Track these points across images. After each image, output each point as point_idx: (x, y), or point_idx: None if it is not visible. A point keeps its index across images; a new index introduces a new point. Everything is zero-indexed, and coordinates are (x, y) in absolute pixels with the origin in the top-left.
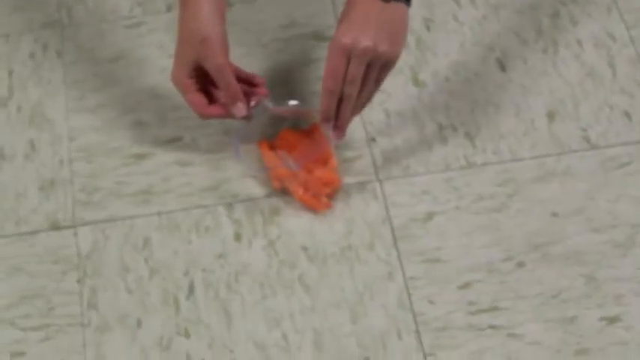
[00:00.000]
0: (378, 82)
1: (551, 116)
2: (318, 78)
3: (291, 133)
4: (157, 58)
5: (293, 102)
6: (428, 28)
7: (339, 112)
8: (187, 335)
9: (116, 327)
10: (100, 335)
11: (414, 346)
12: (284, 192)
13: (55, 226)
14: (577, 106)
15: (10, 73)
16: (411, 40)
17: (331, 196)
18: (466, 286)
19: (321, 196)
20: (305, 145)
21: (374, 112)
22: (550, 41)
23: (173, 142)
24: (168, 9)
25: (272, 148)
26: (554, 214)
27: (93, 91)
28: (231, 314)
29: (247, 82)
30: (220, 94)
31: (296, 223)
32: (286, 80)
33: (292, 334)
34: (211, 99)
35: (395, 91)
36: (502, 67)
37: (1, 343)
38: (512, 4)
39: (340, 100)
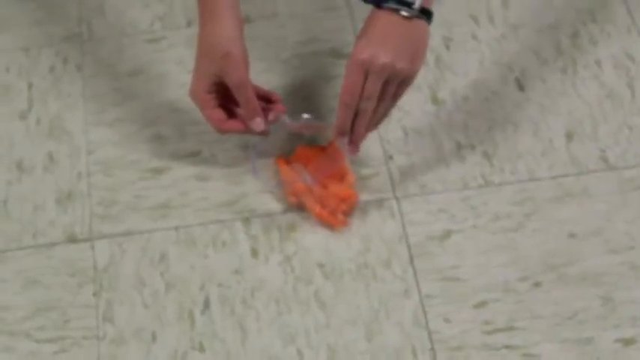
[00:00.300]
0: (395, 98)
1: (569, 136)
2: (336, 94)
3: (308, 149)
4: (177, 73)
5: (307, 115)
6: (447, 47)
7: (354, 127)
8: (202, 350)
9: (131, 340)
10: (116, 348)
11: None
12: (300, 208)
13: (72, 239)
14: (596, 127)
15: (30, 86)
16: (430, 58)
17: (348, 213)
18: (482, 305)
19: (337, 213)
20: (322, 160)
21: (392, 130)
22: (569, 61)
23: (191, 156)
24: (189, 24)
25: (289, 163)
26: (572, 235)
27: (112, 104)
28: (246, 329)
29: (265, 99)
30: (239, 110)
31: (312, 239)
32: (304, 96)
33: (307, 350)
34: (229, 114)
35: (413, 108)
36: (521, 87)
37: (17, 355)
38: (532, 23)
39: (356, 115)
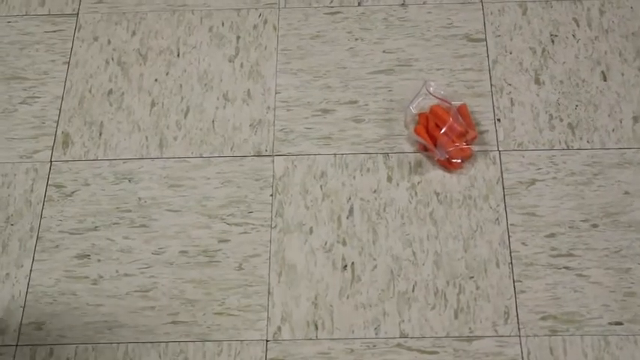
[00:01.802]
0: None
1: (636, 119)
2: (466, 69)
3: (440, 109)
4: (345, 40)
5: (443, 92)
6: (552, 41)
7: None
8: (344, 244)
9: (295, 231)
10: (283, 235)
11: (507, 273)
12: (427, 151)
13: (259, 154)
14: None
15: (238, 38)
16: (538, 48)
17: (463, 160)
18: (551, 235)
19: (454, 161)
20: (452, 120)
21: (502, 100)
22: None
23: (351, 103)
24: (359, 3)
25: (426, 117)
26: (626, 192)
27: (296, 58)
28: (377, 233)
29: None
30: None
31: (433, 174)
32: (440, 69)
33: (420, 253)
34: None
35: (520, 86)
36: (604, 78)
37: (213, 232)
38: (619, 29)
39: None
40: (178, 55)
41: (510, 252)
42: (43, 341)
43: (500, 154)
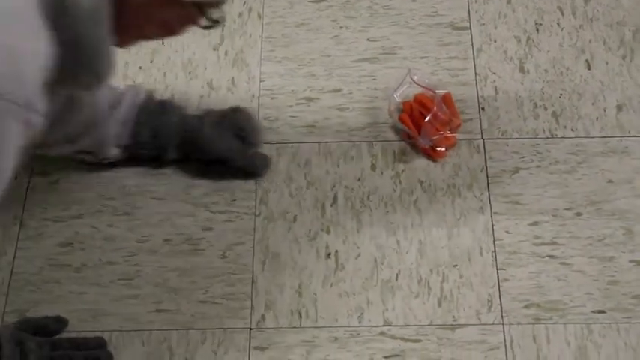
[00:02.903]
0: None
1: (619, 108)
2: (451, 58)
3: (425, 97)
4: (330, 28)
5: (427, 80)
6: (537, 30)
7: None
8: (328, 232)
9: (278, 219)
10: (267, 224)
11: (490, 262)
12: (411, 140)
13: None
14: None
15: (223, 26)
16: (522, 37)
17: (447, 149)
18: (535, 224)
19: (438, 149)
20: (437, 108)
21: (486, 89)
22: (629, 51)
23: (335, 91)
24: None
25: (410, 105)
26: (610, 181)
27: (281, 46)
28: (361, 221)
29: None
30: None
31: (417, 162)
32: (425, 57)
33: (403, 241)
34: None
35: (504, 74)
36: (588, 66)
37: (197, 220)
38: (604, 18)
39: None
40: (163, 43)
41: (494, 240)
42: None
43: (484, 142)
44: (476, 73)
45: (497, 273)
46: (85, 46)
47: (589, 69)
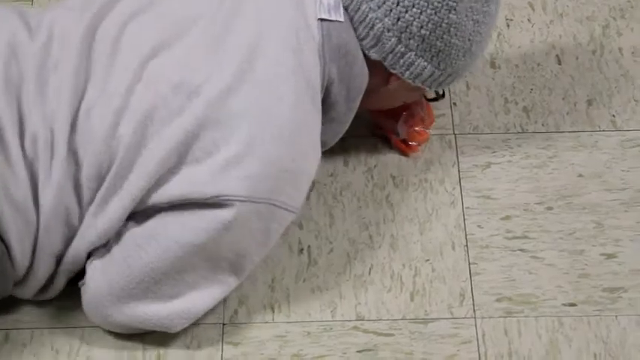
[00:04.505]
0: None
1: (589, 102)
2: None
3: None
4: None
5: None
6: (507, 25)
7: None
8: (301, 227)
9: None
10: None
11: (462, 256)
12: (383, 133)
13: None
14: (610, 97)
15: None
16: (494, 32)
17: (420, 144)
18: (507, 218)
19: (411, 144)
20: (413, 106)
21: (458, 84)
22: (598, 46)
23: None
24: None
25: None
26: (580, 175)
27: None
28: (334, 216)
29: None
30: None
31: (390, 158)
32: None
33: (376, 236)
34: None
35: (476, 70)
36: (559, 61)
37: None
38: (574, 13)
39: None
40: None
41: (466, 235)
42: None
43: (455, 137)
44: None
45: (469, 267)
46: (336, 139)
47: (559, 64)
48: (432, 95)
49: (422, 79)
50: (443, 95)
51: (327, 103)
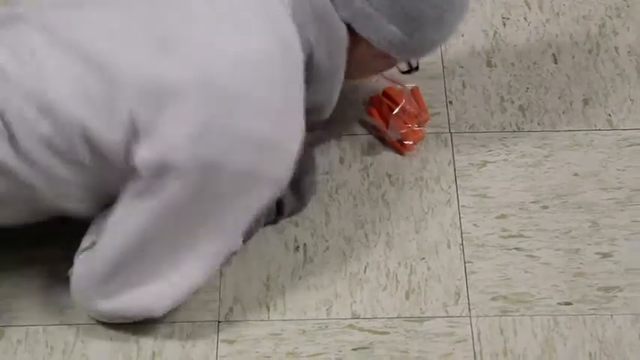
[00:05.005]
0: None
1: (586, 101)
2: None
3: (393, 91)
4: None
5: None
6: (504, 24)
7: None
8: (297, 225)
9: None
10: None
11: (458, 255)
12: (379, 133)
13: None
14: (607, 97)
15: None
16: (490, 31)
17: (415, 142)
18: (502, 217)
19: (406, 143)
20: (406, 102)
21: (454, 83)
22: (595, 45)
23: None
24: None
25: (379, 99)
26: (576, 174)
27: None
28: (330, 214)
29: None
30: None
31: (385, 156)
32: None
33: (371, 234)
34: None
35: (471, 68)
36: (555, 60)
37: None
38: (571, 12)
39: None
40: None
41: (461, 233)
42: None
43: (451, 136)
44: (443, 67)
45: (465, 266)
46: (329, 107)
47: (556, 63)
48: (405, 68)
49: (390, 44)
50: (417, 68)
51: (311, 64)
